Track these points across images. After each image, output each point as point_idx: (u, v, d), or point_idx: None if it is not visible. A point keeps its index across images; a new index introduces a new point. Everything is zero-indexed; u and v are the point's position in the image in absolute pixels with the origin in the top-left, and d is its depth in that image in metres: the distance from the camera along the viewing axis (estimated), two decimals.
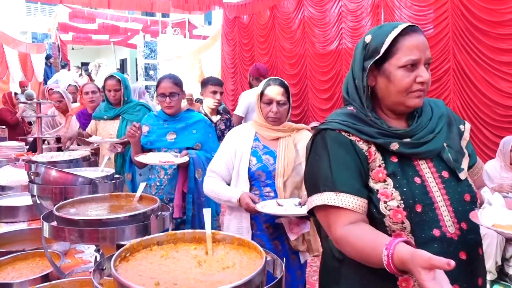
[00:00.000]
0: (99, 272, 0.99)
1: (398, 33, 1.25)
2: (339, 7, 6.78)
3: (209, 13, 14.27)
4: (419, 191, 1.23)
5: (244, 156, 2.21)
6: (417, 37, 1.25)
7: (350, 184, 1.22)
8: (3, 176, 2.72)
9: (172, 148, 2.76)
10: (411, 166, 1.27)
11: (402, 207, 1.20)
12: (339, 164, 1.24)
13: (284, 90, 2.22)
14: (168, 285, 0.88)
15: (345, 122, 1.29)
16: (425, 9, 5.50)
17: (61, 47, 14.79)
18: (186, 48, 12.00)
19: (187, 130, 2.82)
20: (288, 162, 2.16)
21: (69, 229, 1.25)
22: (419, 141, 1.27)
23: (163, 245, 1.09)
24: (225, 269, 0.95)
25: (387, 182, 1.24)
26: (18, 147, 4.08)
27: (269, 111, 2.20)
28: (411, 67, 1.24)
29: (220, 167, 2.26)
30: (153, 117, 2.92)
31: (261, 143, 2.25)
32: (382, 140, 1.26)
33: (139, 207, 1.48)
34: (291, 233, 2.13)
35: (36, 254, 1.65)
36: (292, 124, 2.31)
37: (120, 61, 18.39)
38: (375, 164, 1.26)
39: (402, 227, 1.20)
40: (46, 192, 1.76)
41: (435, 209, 1.22)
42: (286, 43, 7.98)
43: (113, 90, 3.46)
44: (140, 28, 15.28)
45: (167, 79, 2.81)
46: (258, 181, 2.21)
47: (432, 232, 1.20)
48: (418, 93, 1.25)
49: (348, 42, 6.74)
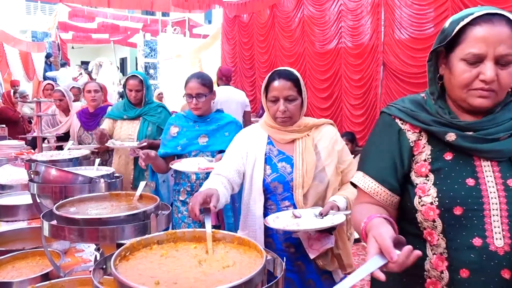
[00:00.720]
0: (99, 271, 0.99)
1: (468, 21, 1.12)
2: (339, 6, 6.78)
3: (209, 12, 14.24)
4: (466, 193, 1.13)
5: (257, 164, 1.89)
6: (489, 28, 1.09)
7: (378, 171, 1.25)
8: (3, 175, 2.72)
9: (204, 151, 2.57)
10: (468, 166, 1.15)
11: (435, 205, 1.14)
12: (377, 151, 1.27)
13: (292, 83, 1.87)
14: (168, 284, 0.88)
15: (404, 109, 1.24)
16: (425, 8, 5.49)
17: (61, 46, 14.77)
18: (186, 47, 11.97)
19: (219, 132, 2.63)
20: (308, 170, 1.81)
21: (69, 228, 1.25)
22: (485, 137, 1.13)
23: (163, 244, 1.09)
24: (225, 268, 0.95)
25: (429, 177, 1.18)
26: (18, 146, 4.08)
27: (276, 111, 1.87)
28: (474, 62, 1.11)
29: (229, 172, 1.88)
30: (182, 118, 2.70)
31: (276, 148, 1.92)
32: (436, 128, 1.18)
33: (139, 206, 1.48)
34: (310, 250, 1.79)
35: (36, 253, 1.64)
36: (309, 120, 1.95)
37: (120, 60, 18.37)
38: (420, 158, 1.21)
39: (433, 226, 1.16)
40: (46, 191, 1.76)
41: (483, 217, 1.11)
42: (286, 42, 8.00)
43: (135, 91, 3.34)
44: (140, 27, 15.27)
45: (194, 79, 2.62)
46: (275, 194, 1.87)
47: (471, 239, 1.11)
48: (480, 92, 1.12)
49: (347, 41, 6.74)
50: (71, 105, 4.53)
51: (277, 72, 1.91)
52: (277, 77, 1.88)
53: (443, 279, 1.15)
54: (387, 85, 6.15)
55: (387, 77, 6.13)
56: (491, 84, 1.10)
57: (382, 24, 6.11)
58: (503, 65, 1.10)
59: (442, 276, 1.15)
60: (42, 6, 17.12)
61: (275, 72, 1.91)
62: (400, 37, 5.88)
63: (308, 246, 1.80)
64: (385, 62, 6.12)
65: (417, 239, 1.20)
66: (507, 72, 1.10)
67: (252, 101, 9.23)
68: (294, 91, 1.87)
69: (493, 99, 1.13)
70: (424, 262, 1.19)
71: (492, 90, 1.11)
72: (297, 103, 1.89)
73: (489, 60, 1.09)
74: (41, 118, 3.65)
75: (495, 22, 1.09)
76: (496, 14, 1.10)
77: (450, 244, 1.13)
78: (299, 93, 1.89)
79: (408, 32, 5.76)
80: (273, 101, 1.88)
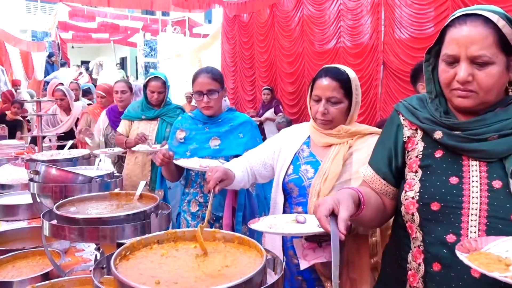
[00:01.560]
0: (100, 270, 0.99)
1: (447, 23, 1.14)
2: (338, 5, 6.79)
3: (209, 12, 14.24)
4: (447, 190, 1.14)
5: (286, 162, 1.78)
6: (461, 29, 1.09)
7: (376, 161, 1.33)
8: (3, 174, 2.71)
9: (217, 156, 2.29)
10: (455, 164, 1.16)
11: (416, 199, 1.19)
12: (379, 141, 1.36)
13: (340, 84, 1.68)
14: (169, 284, 0.88)
15: (407, 104, 1.29)
16: (425, 7, 5.50)
17: (61, 46, 14.76)
18: (186, 47, 11.98)
19: (232, 134, 2.34)
20: (329, 178, 1.63)
21: (69, 228, 1.25)
22: (471, 136, 1.13)
23: (163, 243, 1.09)
24: (226, 268, 0.95)
25: (417, 173, 1.21)
26: (18, 146, 4.08)
27: (317, 111, 1.71)
28: (452, 62, 1.12)
29: (254, 160, 1.85)
30: (190, 119, 2.42)
31: (308, 149, 1.77)
32: (427, 126, 1.21)
33: (139, 205, 1.48)
34: (303, 260, 1.60)
35: (36, 252, 1.65)
36: (354, 126, 1.72)
37: (120, 59, 18.36)
38: (413, 154, 1.24)
39: (412, 219, 1.20)
40: (46, 191, 1.76)
41: (461, 215, 1.11)
42: (285, 42, 8.01)
43: (157, 92, 3.25)
44: (140, 27, 15.26)
45: (204, 74, 2.31)
46: (291, 196, 1.76)
47: (445, 235, 1.13)
48: (458, 93, 1.12)
49: (346, 40, 6.74)
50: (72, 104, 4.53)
51: (325, 69, 1.74)
52: (324, 74, 1.71)
53: (420, 271, 1.19)
54: (387, 84, 6.15)
55: (387, 77, 6.14)
56: (467, 85, 1.10)
57: (382, 24, 6.11)
58: (480, 66, 1.08)
59: (419, 269, 1.19)
60: (42, 5, 17.11)
61: (323, 69, 1.74)
62: (400, 37, 5.88)
63: (301, 255, 1.63)
64: (385, 61, 6.13)
65: (405, 231, 1.25)
66: (485, 73, 1.08)
67: (251, 101, 9.26)
68: (340, 93, 1.68)
69: (474, 99, 1.11)
70: (408, 255, 1.23)
71: (470, 91, 1.10)
72: (341, 106, 1.70)
73: (463, 60, 1.09)
74: (41, 117, 3.65)
75: (468, 23, 1.09)
76: (472, 15, 1.09)
77: (425, 238, 1.18)
78: (346, 96, 1.70)
79: (408, 32, 5.76)
80: (316, 100, 1.72)
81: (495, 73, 1.08)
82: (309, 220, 1.49)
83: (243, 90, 9.49)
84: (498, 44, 1.07)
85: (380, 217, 1.33)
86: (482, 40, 1.07)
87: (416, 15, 5.60)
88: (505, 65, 1.10)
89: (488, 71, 1.08)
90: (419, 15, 5.57)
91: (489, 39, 1.07)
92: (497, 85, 1.11)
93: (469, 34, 1.08)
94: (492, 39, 1.07)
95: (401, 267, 1.25)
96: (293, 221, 1.50)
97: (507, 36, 1.07)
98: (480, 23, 1.08)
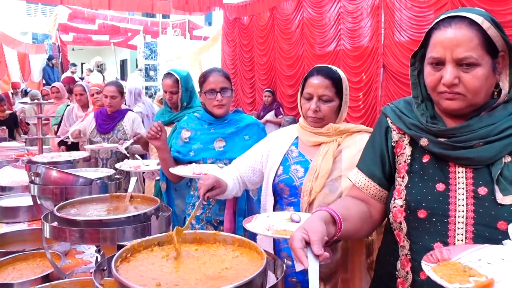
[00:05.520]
0: (100, 272, 0.99)
1: (432, 25, 1.12)
2: (338, 8, 6.80)
3: (210, 14, 14.26)
4: (433, 197, 1.13)
5: (275, 163, 1.77)
6: (446, 31, 1.08)
7: (368, 166, 1.30)
8: (4, 176, 2.72)
9: (221, 159, 2.24)
10: (442, 171, 1.14)
11: (404, 208, 1.17)
12: (369, 145, 1.33)
13: (331, 82, 1.70)
14: (170, 286, 0.88)
15: (395, 108, 1.27)
16: (425, 10, 5.51)
17: (61, 48, 14.76)
18: (186, 49, 12.00)
19: (238, 136, 2.29)
20: (320, 176, 1.64)
21: (69, 230, 1.25)
22: (456, 144, 1.11)
23: (164, 245, 1.09)
24: (226, 270, 0.95)
25: (404, 179, 1.19)
26: (18, 148, 4.08)
27: (308, 109, 1.72)
28: (437, 65, 1.10)
29: (243, 167, 1.85)
30: (195, 119, 2.38)
31: (297, 150, 1.78)
32: (413, 132, 1.19)
33: (140, 207, 1.48)
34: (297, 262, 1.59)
35: (36, 254, 1.64)
36: (342, 125, 1.74)
37: (121, 61, 18.38)
38: (402, 159, 1.23)
39: (399, 228, 1.20)
40: (46, 193, 1.76)
41: (447, 223, 1.10)
42: (285, 44, 8.02)
43: (169, 92, 2.87)
44: (140, 29, 15.27)
45: (215, 72, 2.29)
46: (281, 197, 1.76)
47: (432, 244, 1.11)
48: (445, 95, 1.10)
49: (346, 43, 6.76)
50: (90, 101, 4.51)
51: (317, 68, 1.75)
52: (316, 73, 1.72)
53: (408, 279, 1.18)
54: (387, 87, 6.16)
55: (387, 79, 6.15)
56: (454, 87, 1.08)
57: (382, 27, 6.13)
58: (466, 68, 1.07)
59: (408, 277, 1.18)
60: (42, 7, 17.14)
61: (315, 68, 1.76)
62: (400, 40, 5.90)
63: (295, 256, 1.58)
64: (385, 64, 6.14)
65: (394, 238, 1.24)
66: (471, 75, 1.06)
67: (251, 103, 9.26)
68: (331, 91, 1.70)
69: (462, 101, 1.09)
70: (397, 262, 1.23)
71: (457, 93, 1.09)
72: (332, 105, 1.72)
73: (448, 63, 1.08)
74: (41, 119, 3.65)
75: (453, 25, 1.07)
76: (457, 17, 1.08)
77: (412, 246, 1.17)
78: (337, 94, 1.72)
79: (408, 35, 5.78)
80: (307, 98, 1.73)
81: (481, 75, 1.07)
82: (304, 218, 1.45)
83: (243, 93, 9.50)
84: (484, 46, 1.06)
85: (366, 226, 1.28)
86: (467, 42, 1.05)
87: (415, 18, 5.61)
88: (491, 67, 1.08)
89: (474, 73, 1.06)
90: (419, 18, 5.59)
91: (474, 41, 1.06)
92: (485, 87, 1.09)
93: (455, 36, 1.06)
94: (477, 41, 1.06)
95: (391, 274, 1.24)
96: (287, 220, 1.48)
97: (492, 38, 1.06)
98: (465, 25, 1.06)
